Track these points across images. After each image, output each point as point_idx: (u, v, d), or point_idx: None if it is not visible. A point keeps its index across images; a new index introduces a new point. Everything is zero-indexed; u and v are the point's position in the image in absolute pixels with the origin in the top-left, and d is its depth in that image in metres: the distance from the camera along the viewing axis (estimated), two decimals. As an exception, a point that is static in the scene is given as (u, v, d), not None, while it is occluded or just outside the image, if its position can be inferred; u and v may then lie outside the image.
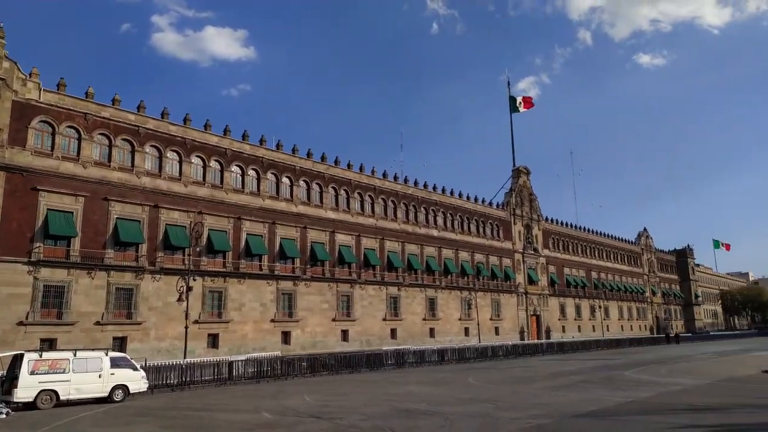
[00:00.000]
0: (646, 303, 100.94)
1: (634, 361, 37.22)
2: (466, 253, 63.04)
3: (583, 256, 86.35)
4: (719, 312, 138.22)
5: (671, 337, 73.35)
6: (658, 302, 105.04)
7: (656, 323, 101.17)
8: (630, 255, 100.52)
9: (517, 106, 76.82)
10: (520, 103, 77.04)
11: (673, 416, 13.84)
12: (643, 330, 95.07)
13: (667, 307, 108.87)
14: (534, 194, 77.73)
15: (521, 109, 76.88)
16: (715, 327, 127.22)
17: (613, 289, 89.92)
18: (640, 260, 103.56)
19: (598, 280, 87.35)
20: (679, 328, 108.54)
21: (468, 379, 26.01)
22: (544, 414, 14.38)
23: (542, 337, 69.47)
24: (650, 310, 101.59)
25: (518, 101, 77.27)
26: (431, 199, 59.96)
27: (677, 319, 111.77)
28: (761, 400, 16.76)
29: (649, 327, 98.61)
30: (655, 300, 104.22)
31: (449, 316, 58.76)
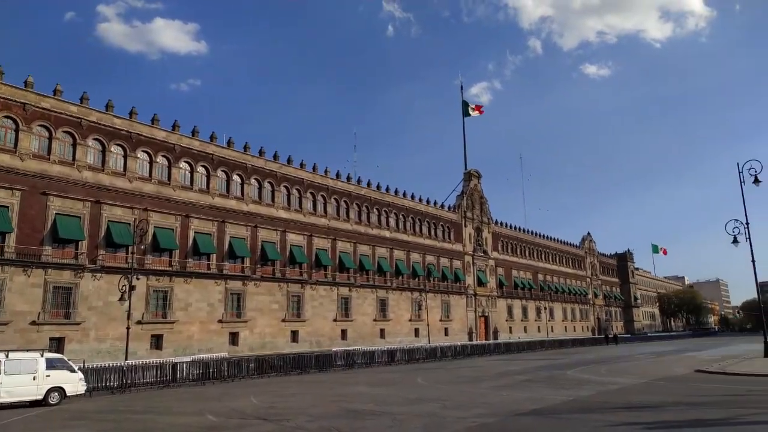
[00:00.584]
0: (589, 305, 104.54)
1: (576, 361, 38.45)
2: (418, 254, 63.62)
3: (531, 258, 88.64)
4: (657, 314, 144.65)
5: (610, 338, 76.00)
6: (599, 304, 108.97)
7: (598, 324, 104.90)
8: (574, 258, 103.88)
9: (469, 111, 78.13)
10: (472, 108, 78.41)
11: (612, 414, 14.38)
12: (585, 331, 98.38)
13: (608, 309, 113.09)
14: (485, 197, 79.24)
15: (473, 113, 78.22)
16: (653, 328, 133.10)
17: (558, 291, 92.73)
18: (584, 263, 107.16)
19: (544, 282, 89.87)
20: (619, 329, 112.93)
21: (417, 379, 26.24)
22: (489, 413, 14.67)
23: (490, 337, 70.87)
24: (592, 312, 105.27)
25: (470, 107, 78.61)
26: (384, 201, 60.20)
27: (617, 321, 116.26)
28: (693, 398, 17.60)
29: (591, 328, 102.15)
30: (597, 302, 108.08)
31: (400, 317, 59.13)
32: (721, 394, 18.47)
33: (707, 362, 32.44)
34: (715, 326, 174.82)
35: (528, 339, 65.85)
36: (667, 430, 12.08)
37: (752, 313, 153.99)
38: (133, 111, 39.75)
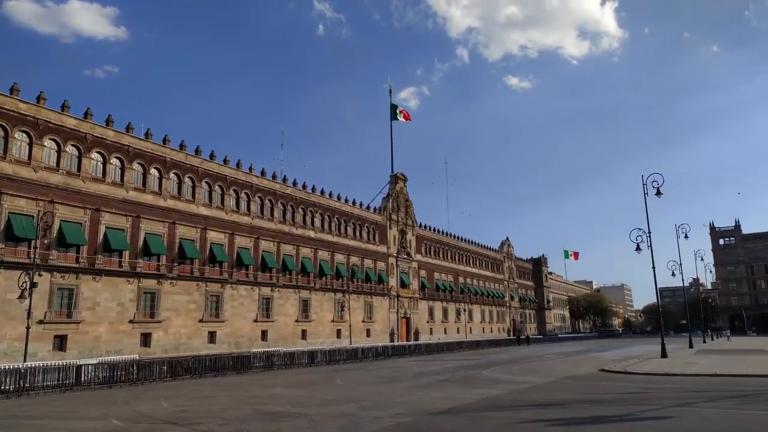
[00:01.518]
0: (506, 307, 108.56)
1: (491, 361, 39.75)
2: (342, 255, 63.51)
3: (452, 261, 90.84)
4: (567, 316, 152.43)
5: (522, 339, 78.90)
6: (515, 306, 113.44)
7: (513, 326, 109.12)
8: (493, 262, 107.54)
9: (397, 114, 79.00)
10: (400, 112, 79.34)
11: (521, 411, 14.96)
12: (501, 332, 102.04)
13: (523, 311, 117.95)
14: (410, 200, 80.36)
15: (401, 118, 79.17)
16: (563, 330, 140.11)
17: (477, 294, 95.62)
18: (502, 267, 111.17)
19: (464, 284, 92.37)
20: (533, 330, 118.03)
21: (336, 380, 26.15)
22: (405, 412, 14.85)
23: (411, 338, 71.92)
24: (508, 314, 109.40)
25: (398, 110, 79.52)
26: (309, 200, 59.65)
27: (531, 323, 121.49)
28: (596, 396, 18.65)
29: (507, 329, 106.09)
30: (513, 304, 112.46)
31: (322, 318, 58.76)
32: (622, 392, 19.68)
33: (610, 362, 34.50)
34: (619, 328, 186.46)
35: (447, 340, 67.36)
36: (571, 426, 12.70)
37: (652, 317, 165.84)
38: (41, 96, 37.12)
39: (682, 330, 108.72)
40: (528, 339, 79.55)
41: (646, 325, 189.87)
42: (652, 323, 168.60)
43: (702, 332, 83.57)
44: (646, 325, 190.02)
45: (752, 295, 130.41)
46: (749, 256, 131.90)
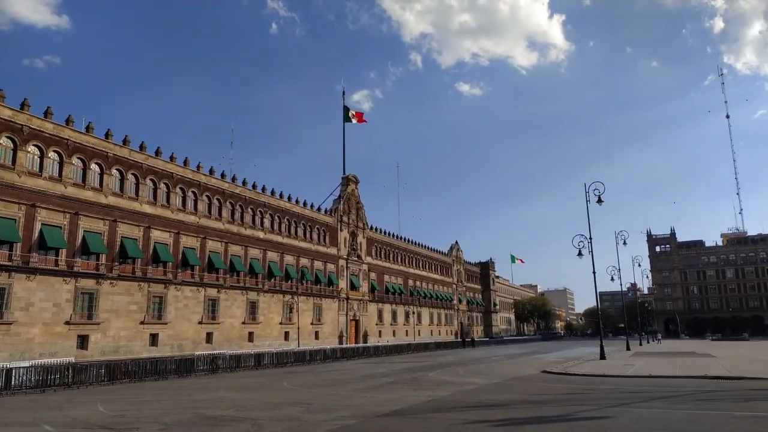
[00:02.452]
0: (454, 310, 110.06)
1: (438, 363, 40.18)
2: (292, 256, 62.84)
3: (402, 264, 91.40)
4: (512, 319, 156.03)
5: (468, 342, 79.56)
6: (463, 309, 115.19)
7: (461, 329, 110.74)
8: (442, 265, 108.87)
9: (350, 116, 78.92)
10: (353, 115, 79.28)
11: (466, 412, 15.19)
12: (449, 335, 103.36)
13: (471, 314, 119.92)
14: (361, 203, 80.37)
15: (354, 120, 79.14)
16: (509, 332, 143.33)
17: (426, 297, 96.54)
18: (451, 271, 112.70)
19: (413, 287, 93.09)
20: (479, 333, 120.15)
21: (283, 383, 25.80)
22: (351, 415, 14.80)
23: (360, 341, 71.87)
24: (456, 317, 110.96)
25: (351, 113, 79.45)
26: (259, 200, 58.73)
27: (478, 325, 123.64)
28: (538, 396, 19.15)
29: (455, 332, 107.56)
30: (461, 307, 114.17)
31: (270, 320, 57.91)
32: (562, 392, 20.28)
33: (552, 364, 35.52)
34: (561, 331, 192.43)
35: (396, 342, 67.68)
36: (512, 426, 12.98)
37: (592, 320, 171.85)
38: (-27, 83, 34.98)
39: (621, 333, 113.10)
40: (473, 341, 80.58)
41: (586, 328, 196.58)
42: (592, 326, 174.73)
43: (639, 335, 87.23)
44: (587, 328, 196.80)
45: (685, 300, 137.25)
46: (683, 263, 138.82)
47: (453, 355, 54.42)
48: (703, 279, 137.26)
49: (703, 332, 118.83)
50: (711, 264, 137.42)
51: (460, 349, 71.66)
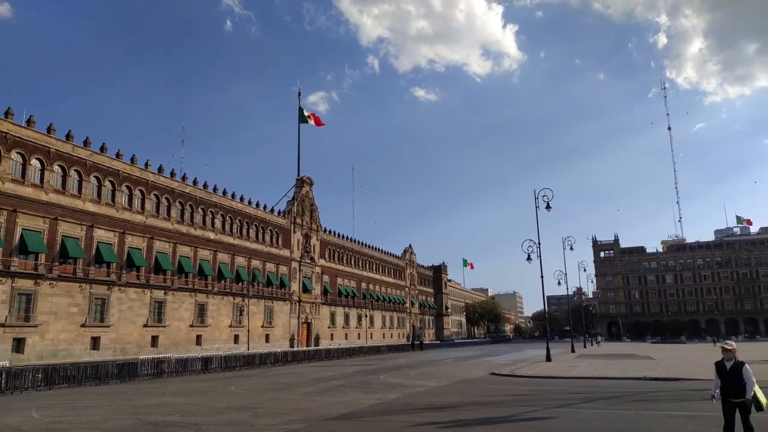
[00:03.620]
0: (406, 313, 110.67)
1: (389, 366, 40.30)
2: (243, 258, 61.76)
3: (356, 267, 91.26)
4: (464, 322, 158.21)
5: (416, 344, 79.66)
6: (415, 312, 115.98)
7: (413, 332, 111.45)
8: (396, 269, 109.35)
9: (306, 117, 78.30)
10: (309, 117, 78.70)
11: (415, 415, 15.27)
12: (401, 338, 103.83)
13: (423, 317, 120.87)
14: (315, 205, 79.82)
15: (310, 122, 78.56)
16: (460, 335, 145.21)
17: (379, 300, 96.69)
18: (404, 274, 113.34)
19: (366, 290, 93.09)
20: (431, 336, 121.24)
21: (230, 387, 25.28)
22: (299, 419, 14.64)
23: (312, 344, 71.27)
24: (408, 320, 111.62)
25: (307, 114, 78.85)
26: (210, 201, 57.46)
27: (430, 328, 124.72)
28: (486, 398, 19.46)
29: (407, 335, 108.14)
30: (413, 310, 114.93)
31: (219, 323, 56.68)
32: (509, 394, 20.69)
33: (500, 366, 36.21)
34: (510, 334, 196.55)
35: (348, 345, 67.50)
36: (460, 428, 13.15)
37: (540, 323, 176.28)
38: None
39: (567, 336, 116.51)
40: (422, 344, 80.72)
41: (534, 331, 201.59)
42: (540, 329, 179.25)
43: (583, 338, 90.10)
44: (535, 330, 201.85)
45: (627, 304, 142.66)
46: (625, 268, 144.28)
47: (404, 357, 54.69)
48: (644, 284, 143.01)
49: (643, 335, 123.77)
50: (652, 270, 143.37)
51: (411, 351, 72.06)
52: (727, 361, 8.89)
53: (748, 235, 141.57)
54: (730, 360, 8.84)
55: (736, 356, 8.87)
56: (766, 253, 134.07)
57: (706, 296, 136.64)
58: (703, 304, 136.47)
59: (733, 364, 8.77)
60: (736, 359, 8.81)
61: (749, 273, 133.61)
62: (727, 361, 8.87)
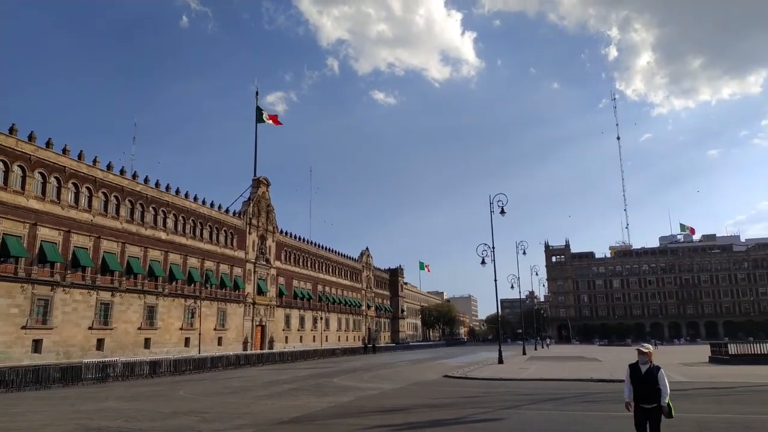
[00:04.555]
0: (362, 316, 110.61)
1: (344, 368, 40.19)
2: (196, 259, 60.40)
3: (312, 269, 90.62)
4: (419, 325, 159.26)
5: (368, 348, 78.91)
6: (371, 315, 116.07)
7: (368, 334, 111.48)
8: (352, 271, 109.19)
9: (263, 117, 77.33)
10: (266, 117, 77.74)
11: (367, 418, 15.28)
12: (357, 340, 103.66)
13: (378, 320, 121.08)
14: (272, 206, 78.86)
15: (267, 122, 77.60)
16: (415, 338, 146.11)
17: (335, 302, 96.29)
18: (361, 276, 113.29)
19: (322, 293, 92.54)
20: (386, 339, 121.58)
21: (179, 391, 24.67)
22: (249, 423, 14.42)
23: (265, 347, 70.30)
24: (364, 323, 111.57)
25: (264, 114, 77.89)
26: (162, 200, 55.97)
27: (385, 331, 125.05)
28: (438, 400, 19.66)
29: (362, 338, 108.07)
30: (369, 313, 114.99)
31: (170, 326, 55.21)
32: (461, 396, 20.94)
33: (454, 368, 36.63)
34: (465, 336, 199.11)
35: (303, 348, 66.92)
36: (411, 430, 13.23)
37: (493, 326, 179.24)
38: None
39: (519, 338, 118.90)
40: (374, 347, 80.00)
41: (488, 334, 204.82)
42: (493, 332, 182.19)
43: (534, 341, 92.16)
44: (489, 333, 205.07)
45: (577, 308, 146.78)
46: (575, 272, 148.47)
47: (359, 360, 54.64)
48: (593, 288, 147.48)
49: (592, 338, 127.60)
50: (600, 274, 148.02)
51: (366, 354, 71.99)
52: (642, 364, 8.31)
53: (690, 243, 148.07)
54: (646, 364, 8.27)
55: (651, 360, 8.30)
56: (707, 260, 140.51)
57: (650, 300, 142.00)
58: (648, 308, 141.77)
59: (649, 368, 8.19)
60: (652, 363, 8.25)
61: (691, 279, 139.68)
62: (642, 365, 8.29)
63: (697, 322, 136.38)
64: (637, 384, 8.21)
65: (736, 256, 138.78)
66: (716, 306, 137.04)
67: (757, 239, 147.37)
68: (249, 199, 73.82)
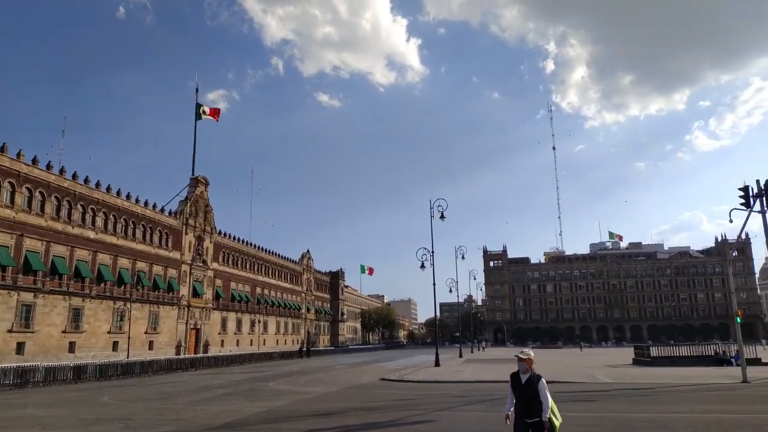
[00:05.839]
0: (301, 319, 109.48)
1: (281, 372, 39.62)
2: (127, 260, 58.01)
3: (251, 271, 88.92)
4: (359, 328, 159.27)
5: (303, 351, 76.65)
6: (311, 318, 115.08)
7: (307, 338, 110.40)
8: (293, 274, 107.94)
9: (201, 114, 75.28)
10: (205, 112, 75.75)
11: (300, 422, 15.13)
12: (295, 344, 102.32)
13: (318, 323, 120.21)
14: (210, 206, 76.86)
15: (206, 117, 75.57)
16: (354, 341, 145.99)
17: (274, 305, 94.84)
18: (301, 279, 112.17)
19: (261, 295, 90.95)
20: (326, 342, 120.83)
21: (103, 397, 23.58)
22: (176, 430, 13.97)
23: (200, 351, 68.30)
24: (303, 326, 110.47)
25: (203, 110, 75.87)
26: (92, 197, 53.46)
27: (325, 334, 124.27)
28: (374, 403, 19.71)
29: (301, 341, 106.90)
30: (309, 316, 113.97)
31: (97, 329, 52.74)
32: (396, 399, 21.09)
33: (391, 371, 36.85)
34: (404, 340, 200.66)
35: (239, 352, 65.42)
36: (344, 433, 13.20)
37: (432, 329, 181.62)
38: None
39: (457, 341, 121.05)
40: (309, 351, 77.32)
41: (427, 337, 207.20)
42: (432, 335, 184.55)
43: (471, 344, 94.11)
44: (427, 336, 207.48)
45: (512, 312, 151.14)
46: (512, 277, 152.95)
47: (297, 364, 54.02)
48: (528, 292, 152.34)
49: (525, 341, 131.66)
50: (535, 279, 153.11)
51: (302, 359, 71.01)
52: (522, 373, 7.20)
53: (618, 250, 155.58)
54: (526, 373, 7.16)
55: (532, 368, 7.23)
56: (633, 266, 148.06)
57: (581, 305, 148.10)
58: (579, 311, 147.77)
59: (529, 377, 7.13)
60: (533, 372, 7.18)
61: (618, 284, 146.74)
62: (523, 374, 7.19)
63: (623, 325, 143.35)
64: (517, 395, 7.19)
65: (660, 263, 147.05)
66: (641, 310, 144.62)
67: (679, 248, 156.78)
68: (186, 199, 71.63)
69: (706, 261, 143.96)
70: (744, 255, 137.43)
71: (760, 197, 26.40)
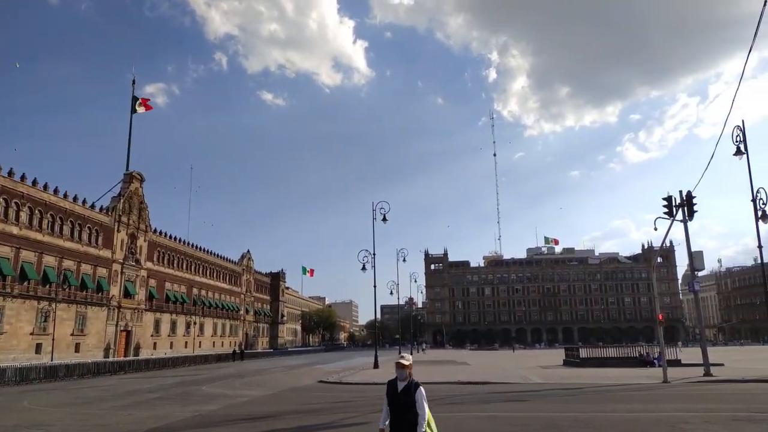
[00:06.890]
0: (240, 321, 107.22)
1: (216, 375, 38.62)
2: (53, 257, 55.02)
3: (188, 272, 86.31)
4: (299, 330, 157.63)
5: (237, 354, 74.84)
6: (250, 320, 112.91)
7: (246, 340, 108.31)
8: (232, 274, 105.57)
9: (137, 107, 72.49)
10: (140, 104, 72.98)
11: (232, 426, 14.77)
12: (233, 346, 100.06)
13: (257, 325, 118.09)
14: (145, 203, 74.10)
15: (140, 110, 72.78)
16: (294, 344, 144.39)
17: (211, 306, 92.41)
18: (240, 280, 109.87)
19: (198, 296, 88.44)
20: (265, 344, 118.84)
21: (23, 402, 22.23)
22: (101, 436, 13.35)
23: (130, 354, 65.62)
24: (242, 328, 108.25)
25: (138, 102, 73.09)
26: (16, 191, 50.43)
27: (264, 336, 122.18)
28: (310, 406, 19.52)
29: (239, 343, 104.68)
30: (248, 318, 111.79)
31: (18, 330, 49.73)
32: (333, 401, 20.96)
33: (329, 374, 36.64)
34: (345, 342, 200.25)
35: (173, 355, 63.30)
36: (277, 437, 12.99)
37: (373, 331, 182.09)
38: None
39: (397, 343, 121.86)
40: (242, 354, 74.98)
41: (367, 339, 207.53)
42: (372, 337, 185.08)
43: (411, 346, 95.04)
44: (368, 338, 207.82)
45: (452, 314, 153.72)
46: (452, 280, 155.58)
47: (233, 367, 52.83)
48: (467, 295, 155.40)
49: (464, 343, 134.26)
50: (474, 282, 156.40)
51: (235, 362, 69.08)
52: (400, 381, 6.31)
53: (552, 255, 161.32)
54: (404, 380, 6.28)
55: (411, 375, 6.36)
56: (566, 271, 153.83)
57: (517, 307, 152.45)
58: (515, 314, 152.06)
59: (406, 385, 6.24)
60: (411, 379, 6.31)
61: (552, 288, 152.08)
62: (400, 381, 6.30)
63: (556, 327, 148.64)
64: (393, 406, 6.23)
65: (591, 268, 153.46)
66: (573, 313, 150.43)
67: (608, 254, 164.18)
68: (119, 195, 68.72)
69: (633, 267, 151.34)
70: (668, 261, 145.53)
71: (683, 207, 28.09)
